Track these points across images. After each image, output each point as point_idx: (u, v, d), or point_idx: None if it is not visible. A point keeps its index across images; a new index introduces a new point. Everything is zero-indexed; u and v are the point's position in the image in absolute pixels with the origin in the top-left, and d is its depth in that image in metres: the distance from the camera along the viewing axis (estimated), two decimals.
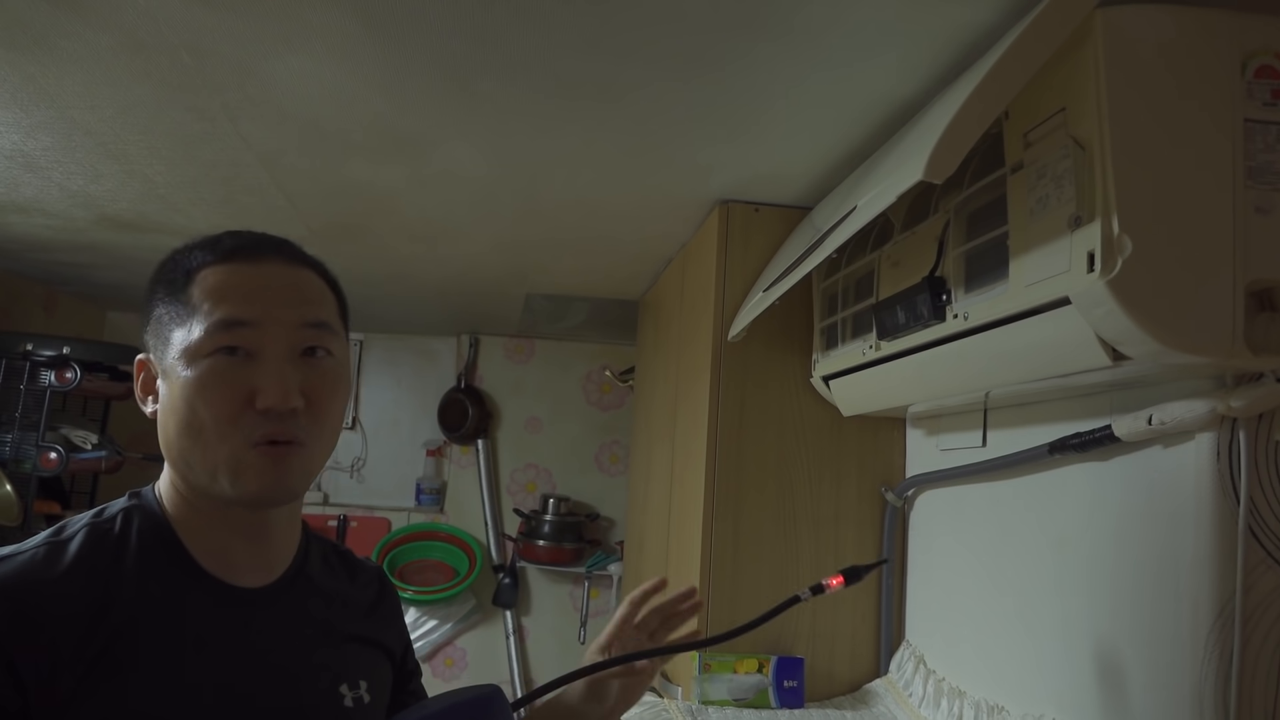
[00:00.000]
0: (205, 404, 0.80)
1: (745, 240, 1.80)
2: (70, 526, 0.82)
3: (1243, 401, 0.96)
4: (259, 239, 0.88)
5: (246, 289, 0.83)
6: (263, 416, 0.81)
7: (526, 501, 3.70)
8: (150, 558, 0.82)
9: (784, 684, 1.65)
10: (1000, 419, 1.45)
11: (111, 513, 0.85)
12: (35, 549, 0.78)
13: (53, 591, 0.75)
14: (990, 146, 1.13)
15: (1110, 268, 0.89)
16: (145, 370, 0.87)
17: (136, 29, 1.22)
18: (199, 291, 0.83)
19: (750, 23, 1.13)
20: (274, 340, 0.82)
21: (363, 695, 0.93)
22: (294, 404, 0.81)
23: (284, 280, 0.86)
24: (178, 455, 0.84)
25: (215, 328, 0.81)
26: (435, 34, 1.20)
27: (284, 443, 0.82)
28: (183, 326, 0.82)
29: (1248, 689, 0.97)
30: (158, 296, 0.86)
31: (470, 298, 3.01)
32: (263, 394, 0.80)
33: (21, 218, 2.21)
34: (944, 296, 1.22)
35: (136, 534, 0.83)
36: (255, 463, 0.81)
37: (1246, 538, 0.98)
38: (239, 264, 0.85)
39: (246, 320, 0.82)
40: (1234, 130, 0.92)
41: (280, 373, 0.81)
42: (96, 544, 0.81)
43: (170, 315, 0.84)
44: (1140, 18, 0.93)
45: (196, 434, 0.81)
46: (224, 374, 0.81)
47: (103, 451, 2.95)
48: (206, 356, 0.81)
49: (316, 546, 0.98)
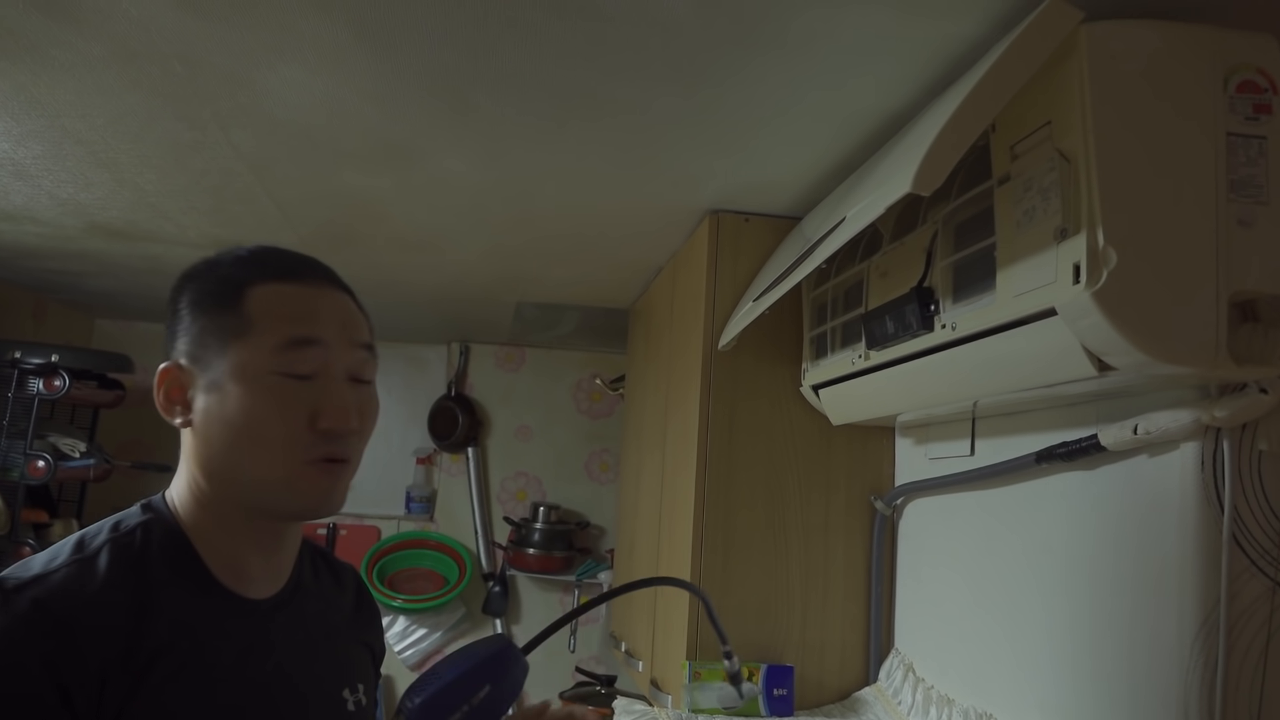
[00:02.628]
0: (269, 420, 0.81)
1: (735, 250, 1.81)
2: (91, 541, 0.81)
3: (1227, 411, 0.97)
4: (307, 260, 0.90)
5: (309, 310, 0.85)
6: (322, 436, 0.83)
7: (517, 509, 3.69)
8: (171, 572, 0.82)
9: (774, 692, 1.65)
10: (988, 428, 1.46)
11: (130, 525, 0.84)
12: (66, 567, 0.77)
13: (93, 610, 0.75)
14: (977, 159, 1.14)
15: (1095, 279, 0.90)
16: (174, 379, 0.86)
17: (128, 38, 1.22)
18: (257, 308, 0.84)
19: (741, 35, 1.14)
20: (335, 362, 0.85)
21: (360, 698, 0.95)
22: (355, 426, 0.84)
23: (338, 304, 0.88)
24: (221, 467, 0.84)
25: (284, 347, 0.82)
26: (427, 45, 1.20)
27: (338, 460, 0.84)
28: (239, 342, 0.83)
29: (1232, 696, 0.98)
30: (198, 305, 0.86)
31: (461, 306, 3.01)
32: (326, 415, 0.82)
33: (11, 225, 2.21)
34: (932, 307, 1.23)
35: (157, 547, 0.83)
36: (314, 478, 0.83)
37: (1230, 546, 0.99)
38: (296, 285, 0.86)
39: (315, 340, 0.84)
40: (1217, 144, 0.93)
41: (343, 395, 0.84)
42: (122, 559, 0.80)
43: (220, 329, 0.84)
44: (1125, 33, 0.94)
45: (252, 450, 0.82)
46: (291, 393, 0.82)
47: (91, 460, 2.93)
48: (272, 374, 0.82)
49: (306, 551, 0.99)
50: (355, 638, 1.01)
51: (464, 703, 0.81)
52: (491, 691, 0.83)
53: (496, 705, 0.83)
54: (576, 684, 3.20)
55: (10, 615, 0.72)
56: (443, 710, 0.81)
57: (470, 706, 0.81)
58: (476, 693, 0.82)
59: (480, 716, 0.82)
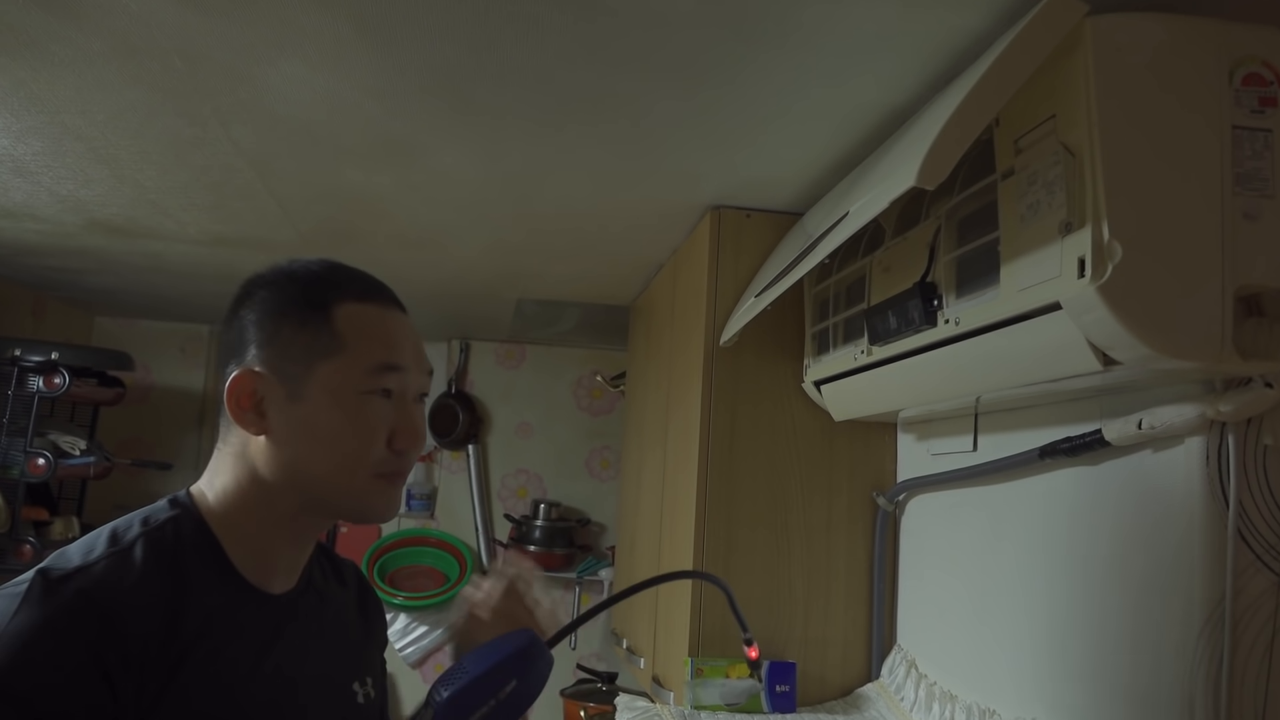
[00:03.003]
0: (355, 436, 0.87)
1: (737, 246, 1.80)
2: (125, 534, 0.83)
3: (1231, 406, 0.97)
4: (380, 283, 0.94)
5: (395, 335, 0.91)
6: (395, 454, 0.88)
7: (517, 507, 3.69)
8: (199, 566, 0.85)
9: (776, 688, 1.65)
10: (991, 423, 1.46)
11: (160, 520, 0.86)
12: (105, 559, 0.80)
13: (133, 602, 0.78)
14: (981, 153, 1.13)
15: (1101, 273, 0.90)
16: (248, 386, 0.88)
17: (129, 34, 1.22)
18: (349, 328, 0.88)
19: (744, 30, 1.13)
20: (412, 385, 0.91)
21: (369, 691, 0.99)
22: (423, 444, 0.91)
23: (411, 330, 0.94)
24: (293, 474, 0.87)
25: (377, 369, 0.87)
26: (428, 40, 1.20)
27: (400, 474, 0.90)
28: (332, 360, 0.87)
29: (1238, 691, 0.97)
30: (287, 318, 0.89)
31: (461, 302, 3.01)
32: (402, 436, 0.88)
33: (11, 222, 2.20)
34: (935, 301, 1.22)
35: (188, 543, 0.86)
36: (383, 490, 0.89)
37: (1236, 541, 0.98)
38: (380, 307, 0.91)
39: (401, 366, 0.89)
40: (1222, 137, 0.93)
41: (417, 418, 0.91)
42: (156, 552, 0.83)
43: (310, 343, 0.87)
44: (1130, 26, 0.94)
45: (335, 459, 0.87)
46: (378, 412, 0.87)
47: (91, 457, 2.93)
48: (364, 394, 0.87)
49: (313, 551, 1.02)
50: (362, 632, 1.04)
51: (490, 697, 0.82)
52: (518, 686, 0.84)
53: (522, 699, 0.84)
54: (577, 681, 3.20)
55: (56, 604, 0.75)
56: (470, 705, 0.82)
57: (497, 700, 0.82)
58: (503, 687, 0.83)
59: (506, 711, 0.83)
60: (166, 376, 3.55)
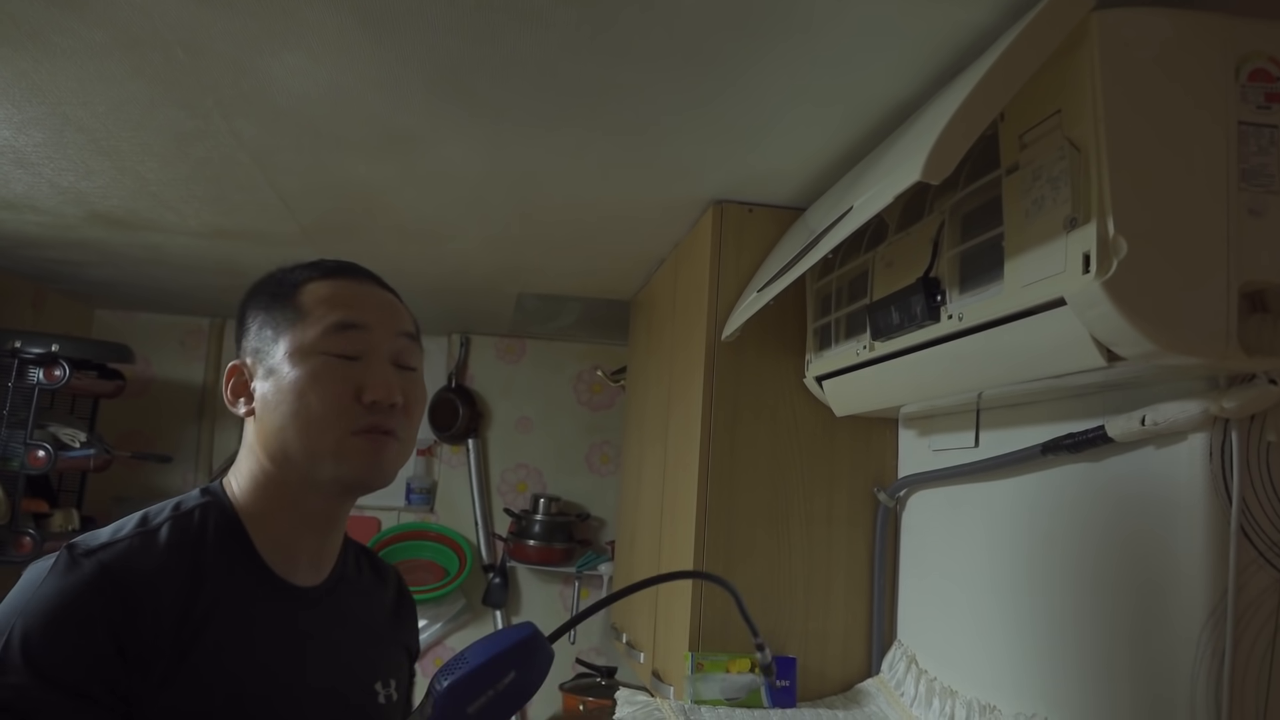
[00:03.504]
0: (316, 395, 0.89)
1: (739, 240, 1.80)
2: (155, 518, 0.88)
3: (1235, 402, 0.97)
4: (355, 265, 0.99)
5: (355, 299, 0.94)
6: (367, 409, 0.90)
7: (517, 501, 3.70)
8: (224, 553, 0.88)
9: (776, 683, 1.65)
10: (993, 419, 1.46)
11: (189, 506, 0.90)
12: (131, 538, 0.84)
13: (152, 580, 0.81)
14: (985, 148, 1.13)
15: (1105, 269, 0.90)
16: (238, 375, 0.95)
17: (131, 25, 1.21)
18: (309, 300, 0.93)
19: (747, 23, 1.13)
20: (378, 344, 0.93)
21: (392, 693, 1.01)
22: (396, 399, 0.91)
23: (381, 297, 0.97)
24: (278, 445, 0.91)
25: (331, 329, 0.91)
26: (432, 32, 1.20)
27: (383, 432, 0.91)
28: (293, 330, 0.91)
29: (1239, 688, 0.97)
30: (259, 306, 0.95)
31: (462, 297, 3.01)
32: (370, 389, 0.90)
33: (11, 214, 2.20)
34: (939, 297, 1.22)
35: (213, 529, 0.89)
36: (359, 447, 0.90)
37: (1238, 537, 0.98)
38: (344, 280, 0.96)
39: (358, 324, 0.92)
40: (1228, 133, 0.93)
41: (386, 372, 0.92)
42: (181, 536, 0.87)
43: (277, 321, 0.93)
44: (1136, 20, 0.93)
45: (304, 422, 0.89)
46: (336, 370, 0.90)
47: (91, 450, 2.93)
48: (320, 355, 0.90)
49: (350, 549, 1.04)
50: (392, 635, 1.06)
51: (489, 687, 0.83)
52: (516, 678, 0.84)
53: (521, 691, 0.85)
54: (577, 675, 3.20)
55: (78, 576, 0.78)
56: (469, 694, 0.83)
57: (495, 691, 0.83)
58: (502, 678, 0.84)
59: (505, 701, 0.84)
60: (167, 369, 3.54)
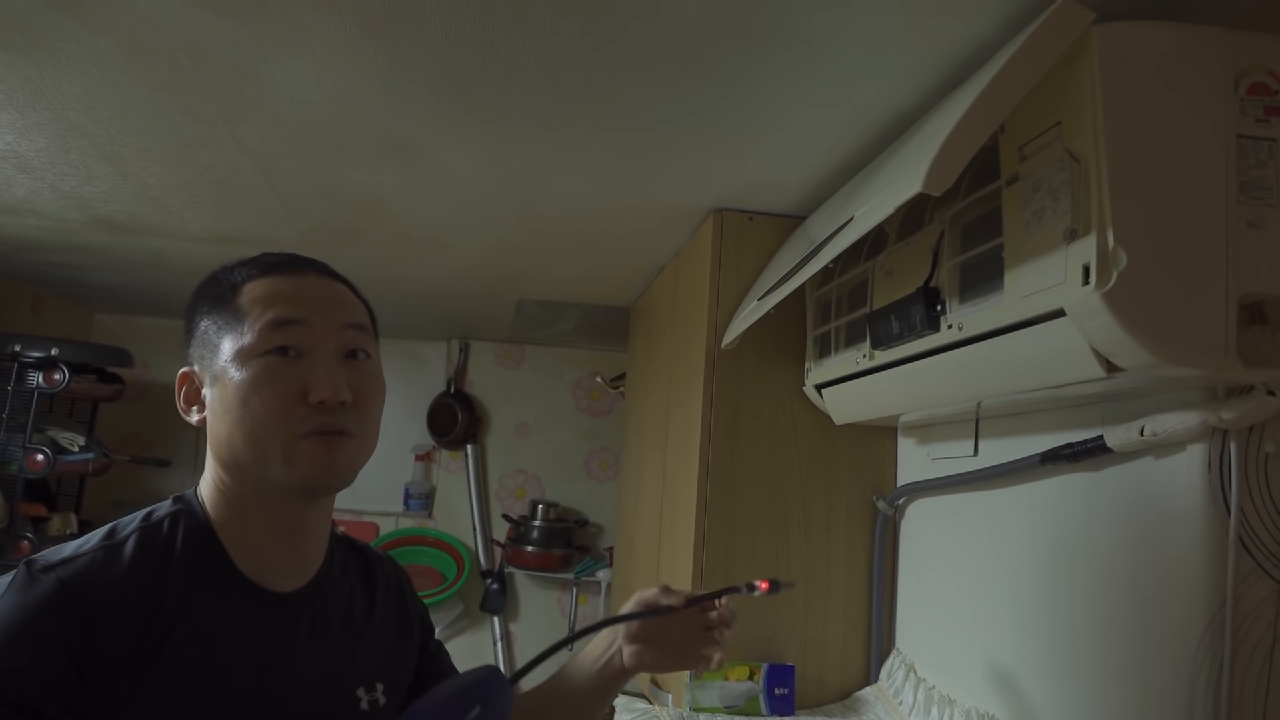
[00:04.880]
0: (260, 399, 0.85)
1: (739, 249, 1.80)
2: (121, 529, 0.85)
3: (1234, 413, 0.97)
4: (296, 256, 0.95)
5: (293, 294, 0.90)
6: (314, 410, 0.86)
7: (515, 507, 3.69)
8: (194, 562, 0.85)
9: (775, 691, 1.65)
10: (992, 428, 1.46)
11: (159, 516, 0.87)
12: (94, 551, 0.81)
13: (114, 594, 0.79)
14: (985, 159, 1.14)
15: (1105, 280, 0.90)
16: (188, 383, 0.92)
17: (135, 31, 1.22)
18: (247, 300, 0.88)
19: (750, 33, 1.13)
20: (321, 340, 0.88)
21: (378, 698, 0.96)
22: (344, 397, 0.87)
23: (324, 289, 0.92)
24: (228, 453, 0.87)
25: (267, 328, 0.87)
26: (435, 40, 1.20)
27: (334, 433, 0.87)
28: (233, 332, 0.87)
29: (1238, 698, 0.98)
30: (201, 310, 0.91)
31: (462, 302, 3.01)
32: (315, 388, 0.86)
33: (13, 218, 2.20)
34: (938, 307, 1.23)
35: (183, 539, 0.86)
36: (308, 450, 0.86)
37: (1237, 548, 0.99)
38: (282, 275, 0.91)
39: (296, 319, 0.88)
40: (1227, 146, 0.93)
41: (330, 369, 0.87)
42: (148, 548, 0.84)
43: (218, 325, 0.89)
44: (1136, 34, 0.94)
45: (249, 428, 0.85)
46: (277, 371, 0.86)
47: (90, 454, 2.93)
48: (260, 356, 0.86)
49: (339, 547, 1.01)
50: (386, 634, 1.01)
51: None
52: (483, 713, 0.84)
53: None
54: None
55: (35, 593, 0.76)
56: None
57: None
58: (468, 712, 0.84)
59: None
60: (165, 373, 3.54)
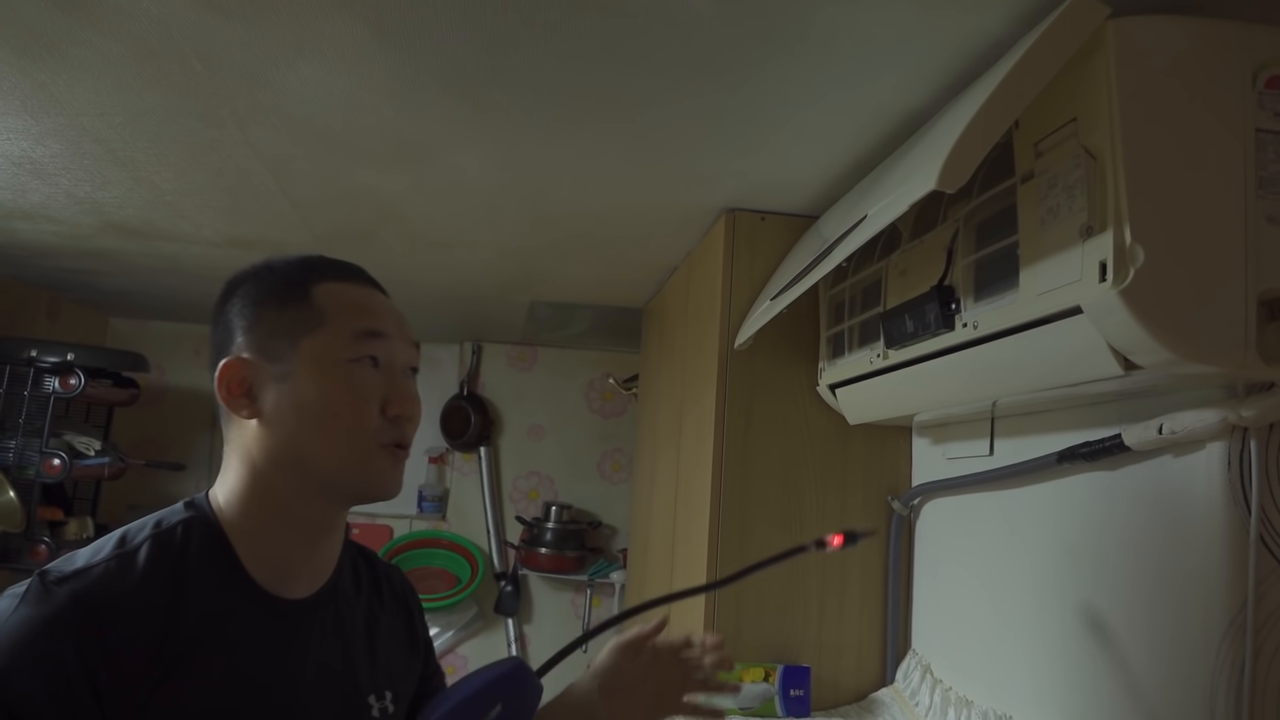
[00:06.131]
0: (349, 406, 0.86)
1: (751, 248, 1.80)
2: (134, 537, 0.84)
3: (1254, 411, 0.96)
4: (358, 266, 0.96)
5: (374, 306, 0.92)
6: (391, 422, 0.88)
7: (529, 509, 3.70)
8: (207, 570, 0.84)
9: (790, 693, 1.65)
10: (1007, 428, 1.45)
11: (171, 523, 0.86)
12: (107, 562, 0.80)
13: (129, 605, 0.78)
14: (1000, 156, 1.13)
15: (1122, 277, 0.89)
16: (238, 373, 0.88)
17: (148, 37, 1.22)
18: (326, 302, 0.89)
19: (762, 33, 1.13)
20: (397, 354, 0.90)
21: (388, 705, 0.96)
22: (418, 412, 0.90)
23: (391, 305, 0.95)
24: (296, 454, 0.87)
25: (361, 336, 0.88)
26: (446, 43, 1.20)
27: (404, 446, 0.89)
28: (313, 332, 0.87)
29: (1260, 699, 0.97)
30: (268, 303, 0.90)
31: (474, 305, 3.01)
32: (395, 402, 0.88)
33: (28, 224, 2.21)
34: (953, 305, 1.22)
35: (196, 546, 0.85)
36: (383, 462, 0.88)
37: (1258, 547, 0.98)
38: (357, 284, 0.93)
39: (382, 332, 0.89)
40: (1245, 140, 0.92)
41: (410, 385, 0.90)
42: (162, 556, 0.83)
43: (291, 321, 0.88)
44: (1152, 29, 0.93)
45: (333, 432, 0.86)
46: (366, 379, 0.87)
47: (106, 458, 2.94)
48: (350, 362, 0.87)
49: (348, 553, 1.00)
50: (393, 643, 1.01)
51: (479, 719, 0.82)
52: (504, 711, 0.83)
53: None
54: None
55: (48, 606, 0.75)
56: None
57: None
58: (489, 710, 0.83)
59: None
60: (180, 378, 3.56)
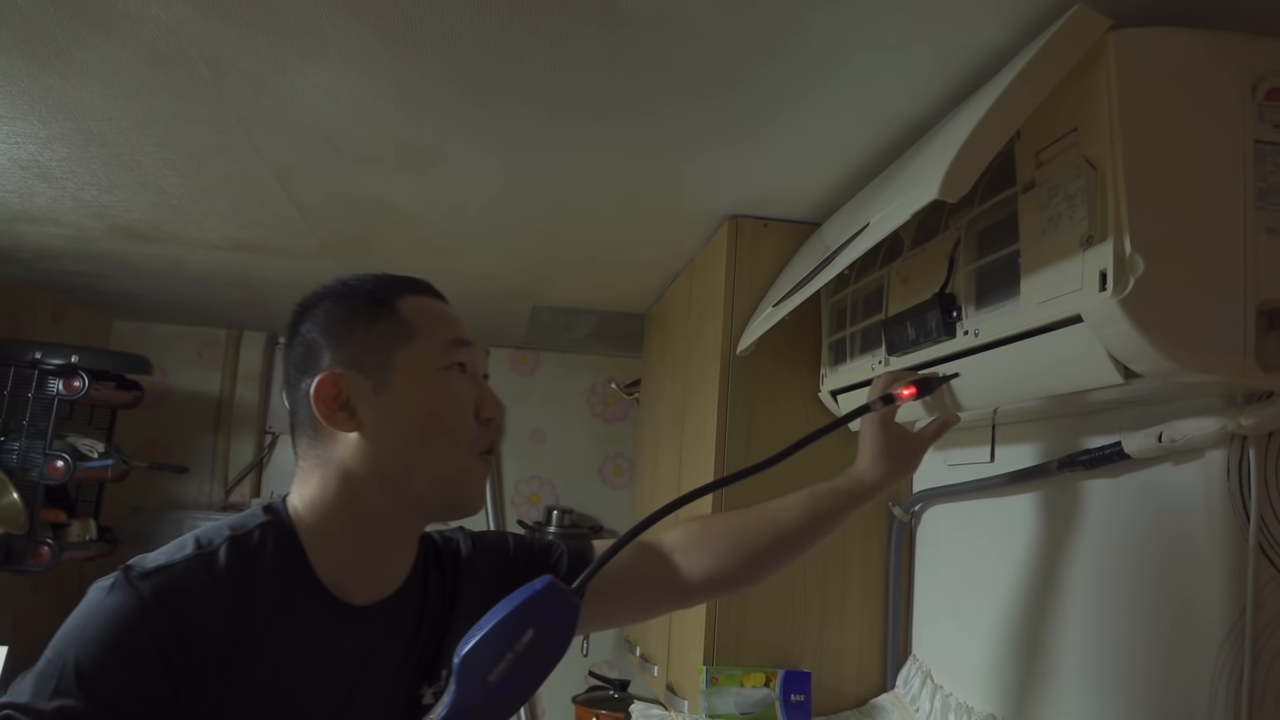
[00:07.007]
0: (448, 411, 0.88)
1: (754, 255, 1.81)
2: (213, 537, 0.86)
3: (1253, 420, 0.97)
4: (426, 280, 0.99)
5: (454, 316, 0.95)
6: (483, 427, 0.91)
7: (530, 513, 3.70)
8: (280, 574, 0.86)
9: (791, 698, 1.65)
10: (1008, 434, 1.46)
11: (249, 526, 0.88)
12: (188, 560, 0.82)
13: (207, 603, 0.80)
14: (1001, 165, 1.14)
15: (1122, 287, 0.90)
16: (335, 388, 0.89)
17: (157, 42, 1.23)
18: (413, 314, 0.91)
19: (765, 40, 1.14)
20: (480, 361, 0.94)
21: (442, 685, 0.99)
22: (504, 416, 0.92)
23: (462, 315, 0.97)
24: (398, 466, 0.88)
25: (452, 345, 0.91)
26: (452, 50, 1.21)
27: (490, 453, 0.92)
28: (407, 344, 0.89)
29: (1258, 706, 0.97)
30: (359, 318, 0.91)
31: (477, 310, 3.02)
32: (486, 406, 0.90)
33: (34, 227, 2.22)
34: (954, 313, 1.22)
35: (272, 550, 0.87)
36: (478, 473, 0.90)
37: (1256, 555, 0.98)
38: (432, 298, 0.96)
39: (468, 340, 0.93)
40: (1245, 152, 0.93)
41: (491, 390, 0.93)
42: (240, 557, 0.85)
43: (385, 334, 0.90)
44: (1153, 40, 0.94)
45: (437, 440, 0.88)
46: (460, 386, 0.90)
47: (109, 460, 2.94)
48: (443, 370, 0.90)
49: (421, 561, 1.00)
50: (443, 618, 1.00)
51: (508, 650, 0.77)
52: (536, 636, 0.78)
53: (545, 651, 0.79)
54: (590, 688, 3.20)
55: (132, 598, 0.78)
56: (487, 660, 0.76)
57: (515, 654, 0.77)
58: (520, 638, 0.77)
59: (529, 665, 0.77)
60: (184, 380, 3.57)
